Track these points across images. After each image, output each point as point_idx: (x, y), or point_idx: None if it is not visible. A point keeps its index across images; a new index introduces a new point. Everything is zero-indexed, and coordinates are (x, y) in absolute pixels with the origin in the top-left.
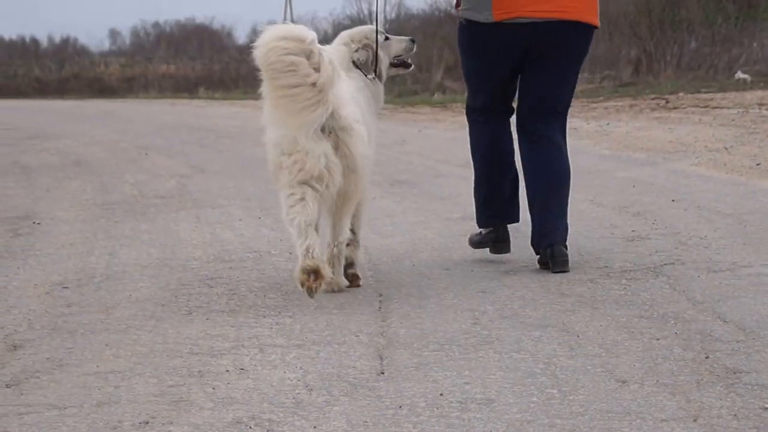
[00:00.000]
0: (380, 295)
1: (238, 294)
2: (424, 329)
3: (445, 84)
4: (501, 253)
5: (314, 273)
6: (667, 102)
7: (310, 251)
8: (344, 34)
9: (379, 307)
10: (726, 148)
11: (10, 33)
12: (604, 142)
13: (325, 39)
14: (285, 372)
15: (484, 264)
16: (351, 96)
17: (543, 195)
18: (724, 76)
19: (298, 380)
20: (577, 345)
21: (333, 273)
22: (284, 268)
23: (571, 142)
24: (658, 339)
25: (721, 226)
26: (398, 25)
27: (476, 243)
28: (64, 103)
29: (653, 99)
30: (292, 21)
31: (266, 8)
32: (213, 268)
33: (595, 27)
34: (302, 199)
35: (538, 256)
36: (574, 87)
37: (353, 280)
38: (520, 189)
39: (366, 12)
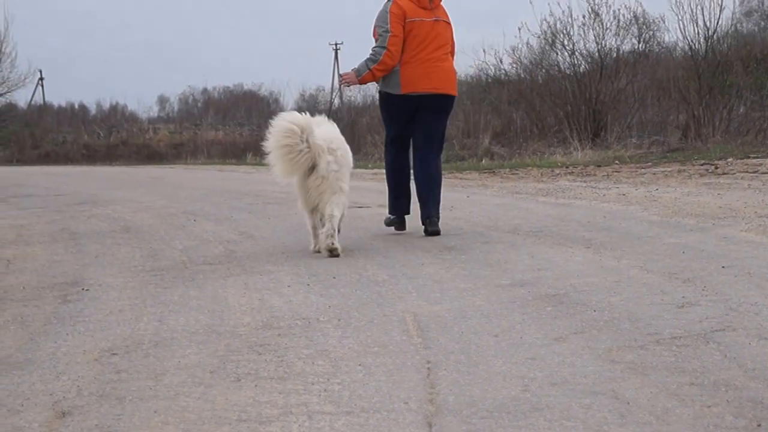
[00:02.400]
0: (428, 362)
1: (287, 361)
2: (474, 396)
3: (492, 149)
4: (400, 231)
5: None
6: (716, 167)
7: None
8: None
9: (428, 374)
10: None
11: (60, 100)
12: (652, 207)
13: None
14: None
15: (533, 331)
16: (336, 137)
17: (427, 190)
18: None
19: None
20: (628, 412)
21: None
22: (333, 334)
23: (620, 208)
24: (709, 406)
25: None
26: None
27: (388, 223)
28: (113, 169)
29: (702, 164)
30: (340, 87)
31: (313, 75)
32: (261, 334)
33: (455, 96)
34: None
35: (424, 226)
36: (445, 128)
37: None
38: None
39: None
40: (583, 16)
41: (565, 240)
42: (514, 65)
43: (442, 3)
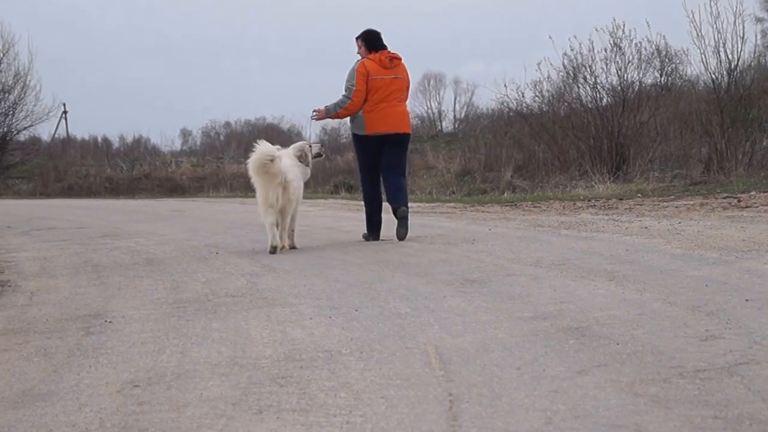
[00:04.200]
0: (450, 394)
1: (309, 393)
2: (496, 429)
3: (514, 182)
4: (375, 241)
5: (275, 246)
6: (739, 201)
7: (275, 236)
8: (293, 146)
9: (450, 407)
10: None
11: (83, 133)
12: (675, 240)
13: None
14: None
15: (555, 363)
16: (292, 169)
17: (395, 191)
18: None
19: None
20: None
21: (286, 244)
22: (355, 367)
23: (643, 241)
24: None
25: None
26: (467, 124)
27: (366, 239)
28: (136, 202)
29: (725, 197)
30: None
31: None
32: (283, 366)
33: (410, 133)
34: (270, 212)
35: (396, 214)
36: (405, 157)
37: (293, 246)
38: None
39: (436, 111)
40: (605, 50)
41: (587, 273)
42: (536, 99)
43: (402, 62)
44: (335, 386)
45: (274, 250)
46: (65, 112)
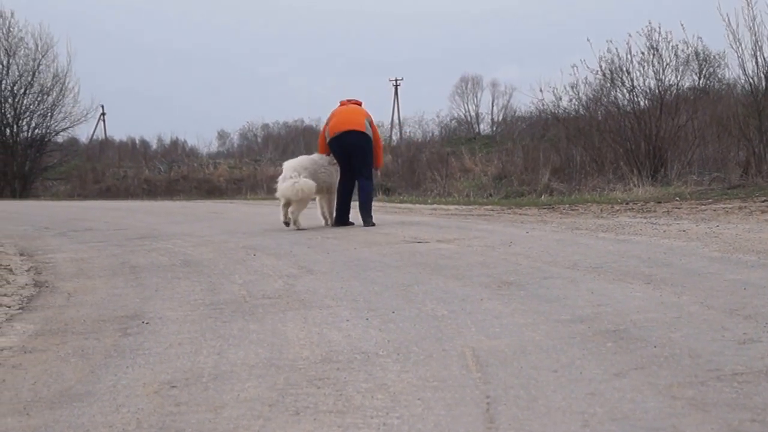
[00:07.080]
0: (488, 396)
1: (346, 395)
2: (533, 431)
3: (552, 185)
4: (344, 226)
5: (287, 223)
6: None
7: (285, 215)
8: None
9: (487, 409)
10: None
11: (121, 135)
12: (713, 244)
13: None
14: None
15: (593, 366)
16: (302, 171)
17: (364, 201)
18: None
19: None
20: None
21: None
22: (392, 369)
23: (680, 244)
24: None
25: None
26: (505, 126)
27: (334, 225)
28: (173, 203)
29: (763, 201)
30: (399, 123)
31: (373, 110)
32: (320, 368)
33: (364, 132)
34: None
35: (364, 224)
36: (368, 161)
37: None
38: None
39: (473, 113)
40: (642, 53)
41: (625, 276)
42: (573, 102)
43: (360, 105)
44: (372, 388)
45: (287, 224)
46: (103, 113)
